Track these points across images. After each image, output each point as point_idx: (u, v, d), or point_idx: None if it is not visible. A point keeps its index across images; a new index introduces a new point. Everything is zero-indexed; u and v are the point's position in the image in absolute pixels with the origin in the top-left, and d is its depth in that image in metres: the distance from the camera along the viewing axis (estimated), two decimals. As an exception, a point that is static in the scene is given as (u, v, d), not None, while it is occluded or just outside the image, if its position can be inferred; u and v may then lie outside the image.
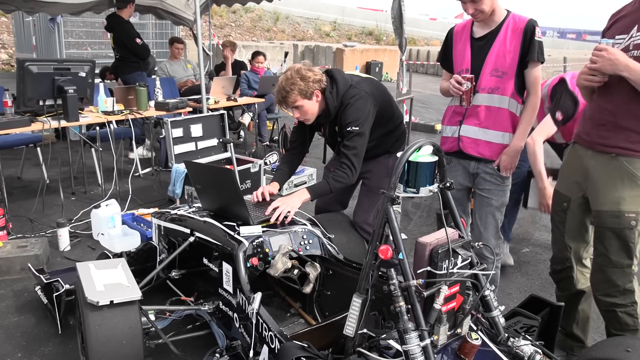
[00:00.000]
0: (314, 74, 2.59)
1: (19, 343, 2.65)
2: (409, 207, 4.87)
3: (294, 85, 2.55)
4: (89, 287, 2.16)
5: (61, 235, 3.70)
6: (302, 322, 2.58)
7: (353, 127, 2.58)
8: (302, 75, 2.56)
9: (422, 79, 16.16)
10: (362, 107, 2.60)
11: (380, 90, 2.80)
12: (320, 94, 2.62)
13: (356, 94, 2.62)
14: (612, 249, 2.22)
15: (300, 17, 24.68)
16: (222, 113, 4.89)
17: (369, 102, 2.63)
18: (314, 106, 2.63)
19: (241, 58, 8.75)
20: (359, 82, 2.70)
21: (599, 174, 2.22)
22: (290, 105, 2.61)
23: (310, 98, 2.60)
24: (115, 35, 6.11)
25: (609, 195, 2.19)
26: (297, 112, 2.65)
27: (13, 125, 3.92)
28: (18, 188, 5.01)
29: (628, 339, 2.03)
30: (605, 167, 2.20)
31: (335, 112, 2.67)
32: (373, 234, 1.79)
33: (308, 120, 2.71)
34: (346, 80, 2.67)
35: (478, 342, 1.72)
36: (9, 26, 15.25)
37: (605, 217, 2.21)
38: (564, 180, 2.44)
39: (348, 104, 2.60)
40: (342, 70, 2.79)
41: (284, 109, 3.14)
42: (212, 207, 2.69)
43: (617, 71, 2.03)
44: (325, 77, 2.64)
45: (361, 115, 2.59)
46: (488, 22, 2.50)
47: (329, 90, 2.62)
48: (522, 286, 3.45)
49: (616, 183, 2.16)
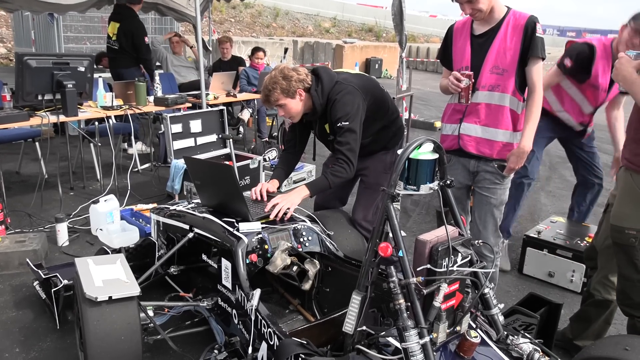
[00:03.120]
0: (297, 73, 2.63)
1: (17, 338, 2.65)
2: (408, 204, 4.87)
3: (276, 84, 2.60)
4: (88, 282, 2.16)
5: (60, 230, 3.69)
6: (300, 318, 2.58)
7: (343, 122, 2.59)
8: (284, 75, 2.61)
9: (421, 76, 16.14)
10: (349, 102, 2.60)
11: (371, 85, 2.80)
12: (304, 93, 2.65)
13: (342, 89, 2.62)
14: (621, 263, 2.22)
15: (300, 13, 24.61)
16: (222, 109, 4.88)
17: (357, 97, 2.63)
18: (297, 105, 2.66)
19: (240, 54, 8.72)
20: (347, 79, 2.70)
21: (619, 186, 2.24)
22: (273, 103, 2.66)
23: (293, 97, 2.63)
24: (124, 26, 5.96)
25: (617, 209, 2.19)
26: (281, 110, 2.70)
27: (12, 120, 3.92)
28: (16, 183, 5.00)
29: (627, 337, 2.02)
30: (620, 180, 2.23)
31: (322, 109, 2.68)
32: (373, 231, 1.79)
33: (293, 118, 2.74)
34: (332, 77, 2.68)
35: (477, 340, 1.72)
36: (7, 20, 15.19)
37: (612, 231, 2.21)
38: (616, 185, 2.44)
39: (335, 99, 2.61)
40: (329, 68, 2.81)
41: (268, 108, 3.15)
42: (211, 203, 2.68)
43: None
44: (310, 76, 2.67)
45: (350, 109, 2.59)
46: (488, 20, 2.48)
47: (314, 89, 2.64)
48: (521, 284, 3.45)
49: (624, 197, 2.17)
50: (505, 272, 3.58)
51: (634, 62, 2.03)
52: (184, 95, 5.31)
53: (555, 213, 4.52)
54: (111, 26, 6.08)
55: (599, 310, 2.51)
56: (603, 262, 2.45)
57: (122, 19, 6.01)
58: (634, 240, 2.11)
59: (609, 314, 2.52)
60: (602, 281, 2.46)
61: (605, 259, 2.43)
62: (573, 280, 3.29)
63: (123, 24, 5.99)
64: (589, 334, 2.55)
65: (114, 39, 6.05)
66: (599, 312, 2.51)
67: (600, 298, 2.47)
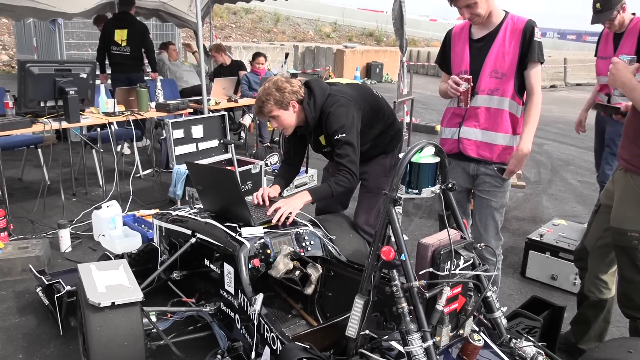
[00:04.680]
0: (290, 85, 2.63)
1: (20, 344, 2.65)
2: (410, 208, 4.87)
3: (270, 96, 2.59)
4: (91, 288, 2.17)
5: (62, 236, 3.70)
6: (303, 323, 2.57)
7: (339, 135, 2.58)
8: (278, 87, 2.60)
9: (422, 80, 16.15)
10: (343, 114, 2.59)
11: (365, 93, 2.80)
12: (298, 105, 2.64)
13: (335, 101, 2.62)
14: (623, 265, 2.21)
15: (300, 18, 24.69)
16: (223, 114, 4.89)
17: (351, 108, 2.62)
18: (291, 116, 2.66)
19: (241, 59, 8.76)
20: (340, 90, 2.70)
21: (617, 188, 2.22)
22: (266, 115, 2.66)
23: (287, 108, 2.63)
24: (133, 31, 6.17)
25: (617, 211, 2.18)
26: (274, 122, 2.69)
27: (14, 127, 3.93)
28: (19, 189, 5.01)
29: (630, 340, 2.02)
30: (619, 182, 2.21)
31: (315, 123, 2.68)
32: (375, 235, 1.79)
33: (286, 130, 2.74)
34: (324, 90, 2.67)
35: (480, 344, 1.72)
36: (9, 27, 15.26)
37: (613, 234, 2.20)
38: (607, 185, 2.42)
39: (329, 112, 2.61)
40: (321, 81, 2.80)
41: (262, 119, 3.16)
42: (213, 208, 2.68)
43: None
44: (303, 88, 2.67)
45: (345, 121, 2.58)
46: (486, 24, 2.49)
47: (307, 102, 2.64)
48: (524, 287, 3.45)
49: (625, 200, 2.16)
50: (508, 276, 3.57)
51: (631, 67, 2.02)
52: (185, 101, 5.33)
53: (557, 216, 4.51)
54: (118, 34, 6.18)
55: (596, 311, 2.51)
56: (594, 263, 2.45)
57: (129, 25, 6.19)
58: (636, 243, 2.11)
59: (606, 313, 2.52)
60: (595, 282, 2.46)
61: (596, 260, 2.43)
62: (576, 283, 3.28)
63: (131, 29, 6.17)
64: (591, 336, 2.55)
65: (123, 45, 6.18)
66: (597, 313, 2.51)
67: (595, 299, 2.47)
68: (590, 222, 2.53)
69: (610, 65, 2.07)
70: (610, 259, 2.38)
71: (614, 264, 2.38)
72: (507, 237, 4.21)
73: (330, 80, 2.81)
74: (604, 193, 2.39)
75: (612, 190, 2.29)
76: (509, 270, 3.67)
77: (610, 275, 2.44)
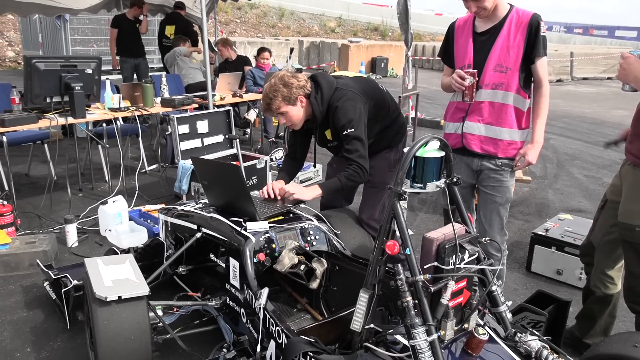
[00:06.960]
0: (297, 80, 2.61)
1: (28, 338, 2.67)
2: (415, 202, 4.87)
3: (277, 92, 2.57)
4: (97, 282, 2.18)
5: (69, 231, 3.72)
6: (308, 317, 2.58)
7: (348, 129, 2.57)
8: (285, 82, 2.58)
9: (427, 74, 16.10)
10: (351, 108, 2.58)
11: (371, 87, 2.78)
12: (305, 100, 2.62)
13: (343, 95, 2.60)
14: (630, 260, 2.20)
15: (305, 13, 24.62)
16: (228, 109, 4.89)
17: (358, 102, 2.61)
18: (299, 112, 2.64)
19: (246, 54, 8.76)
20: (346, 83, 2.68)
21: (625, 183, 2.21)
22: (275, 111, 2.64)
23: (294, 104, 2.61)
24: (180, 26, 7.62)
25: (625, 206, 2.17)
26: (282, 118, 2.67)
27: (21, 122, 3.95)
28: (26, 185, 5.04)
29: (635, 334, 2.01)
30: (627, 177, 2.19)
31: (322, 117, 2.67)
32: (380, 230, 1.79)
33: (295, 125, 2.72)
34: (331, 83, 2.65)
35: (485, 338, 1.72)
36: (15, 24, 15.31)
37: (620, 229, 2.19)
38: (613, 180, 2.41)
39: (336, 107, 2.59)
40: (327, 74, 2.78)
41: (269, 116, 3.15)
42: (218, 203, 2.69)
43: (628, 81, 2.04)
44: (310, 82, 2.65)
45: (353, 115, 2.57)
46: (491, 17, 2.46)
47: (314, 96, 2.62)
48: (529, 282, 3.44)
49: (633, 194, 2.14)
50: (513, 270, 3.57)
51: None
52: (190, 96, 5.34)
53: (563, 210, 4.50)
54: (168, 29, 7.69)
55: (601, 306, 2.50)
56: (600, 258, 2.44)
57: (176, 22, 7.67)
58: None
59: (612, 308, 2.51)
60: (601, 277, 2.45)
61: (603, 255, 2.42)
62: (581, 277, 3.28)
63: (178, 25, 7.63)
64: (596, 331, 2.55)
65: (171, 38, 7.49)
66: (602, 308, 2.51)
67: (601, 294, 2.46)
68: (596, 217, 2.52)
69: (622, 60, 2.05)
70: (617, 254, 2.37)
71: (620, 259, 2.37)
72: (513, 232, 4.21)
73: (335, 73, 2.79)
74: (610, 188, 2.38)
75: (618, 186, 2.28)
76: (515, 264, 3.67)
77: (617, 271, 2.43)
